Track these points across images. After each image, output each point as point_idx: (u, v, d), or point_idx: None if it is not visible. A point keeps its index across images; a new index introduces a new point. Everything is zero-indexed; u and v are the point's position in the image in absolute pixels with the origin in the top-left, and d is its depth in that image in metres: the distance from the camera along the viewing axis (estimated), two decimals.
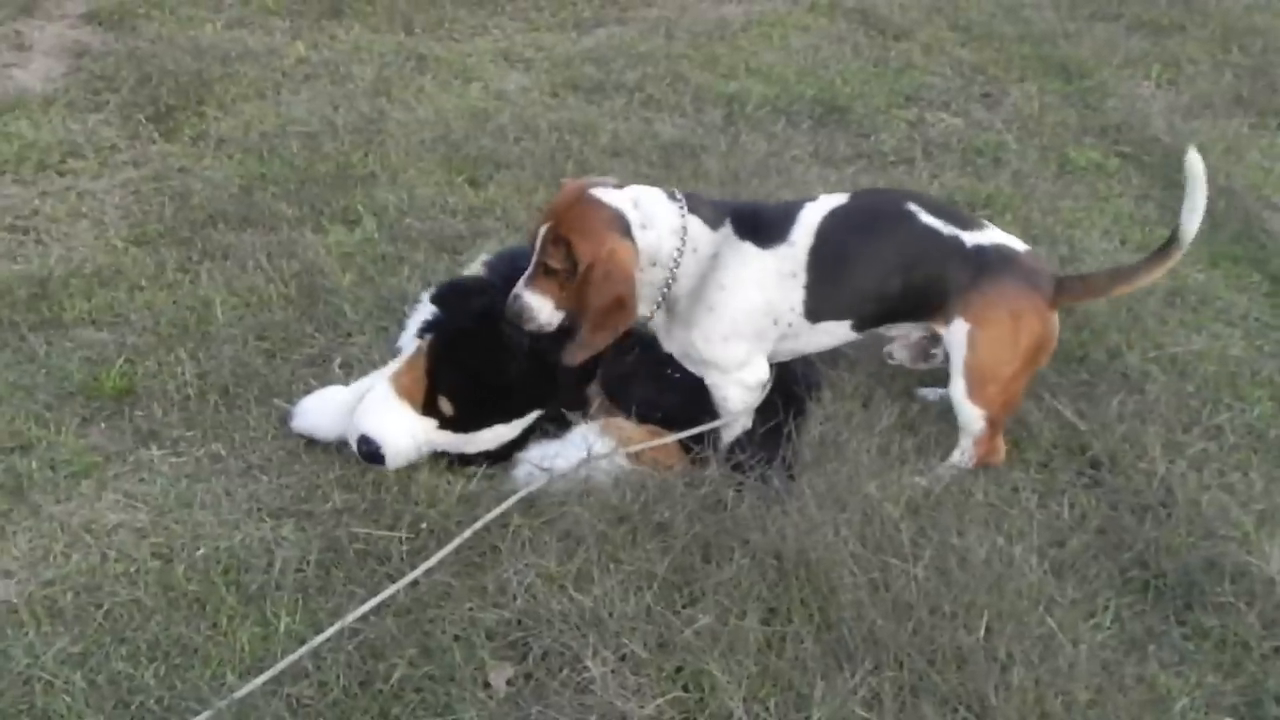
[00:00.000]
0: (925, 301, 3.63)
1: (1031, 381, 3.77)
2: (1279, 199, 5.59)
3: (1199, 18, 7.77)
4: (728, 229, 3.60)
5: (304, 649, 2.93)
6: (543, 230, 3.45)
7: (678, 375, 3.71)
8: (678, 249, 3.53)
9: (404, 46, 7.04)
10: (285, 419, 3.81)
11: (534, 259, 3.47)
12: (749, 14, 7.86)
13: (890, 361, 3.98)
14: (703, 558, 3.26)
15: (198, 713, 2.81)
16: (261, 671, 2.91)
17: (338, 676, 2.93)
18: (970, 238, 3.60)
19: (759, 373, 3.67)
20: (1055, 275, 3.67)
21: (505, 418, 3.68)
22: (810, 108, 6.37)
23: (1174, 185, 5.54)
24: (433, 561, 3.18)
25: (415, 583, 3.19)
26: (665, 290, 3.57)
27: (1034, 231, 5.11)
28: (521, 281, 3.49)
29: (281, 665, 2.90)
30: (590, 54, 7.04)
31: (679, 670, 2.96)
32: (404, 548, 3.33)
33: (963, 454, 3.71)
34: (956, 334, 3.59)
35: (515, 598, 3.13)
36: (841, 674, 2.93)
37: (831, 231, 3.60)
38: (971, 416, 3.63)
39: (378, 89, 6.40)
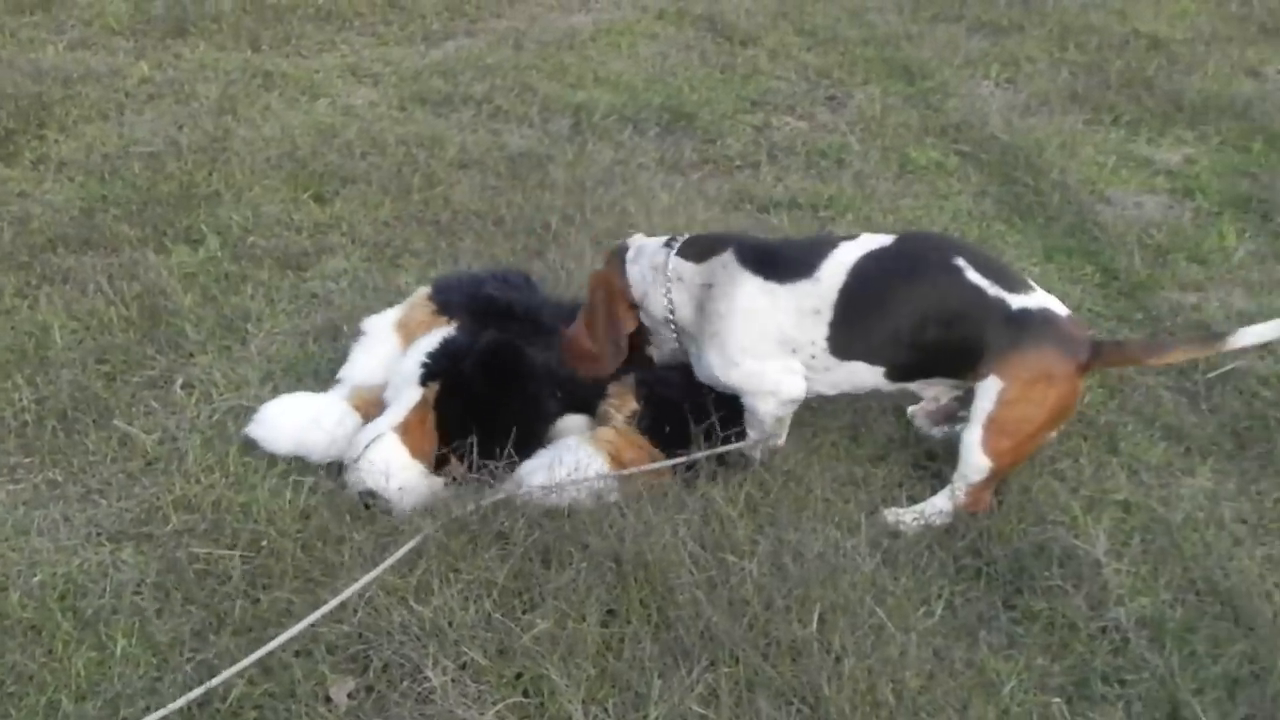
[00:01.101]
0: (963, 360, 3.59)
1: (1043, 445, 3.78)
2: (1112, 193, 5.75)
3: (1037, 17, 7.97)
4: (723, 259, 3.66)
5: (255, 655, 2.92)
6: None
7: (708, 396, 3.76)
8: (665, 286, 3.69)
9: (250, 64, 6.98)
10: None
11: None
12: (598, 23, 7.91)
13: (915, 424, 3.97)
14: (542, 563, 3.28)
15: None
16: (98, 696, 2.90)
17: (175, 697, 2.89)
18: (1015, 300, 3.54)
19: (794, 388, 3.68)
20: (1091, 340, 3.62)
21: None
22: (657, 115, 6.43)
23: (1011, 182, 5.74)
24: (375, 574, 3.17)
25: (255, 600, 3.20)
26: (671, 320, 3.73)
27: (874, 231, 5.18)
28: None
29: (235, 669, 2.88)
30: (438, 67, 7.05)
31: (519, 676, 2.98)
32: (243, 566, 3.32)
33: (947, 500, 3.63)
34: (987, 388, 3.53)
35: (356, 611, 3.12)
36: (679, 672, 2.96)
37: (867, 273, 3.60)
38: (978, 466, 3.56)
39: (223, 107, 6.35)
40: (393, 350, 3.94)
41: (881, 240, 3.68)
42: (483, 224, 5.13)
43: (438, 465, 3.62)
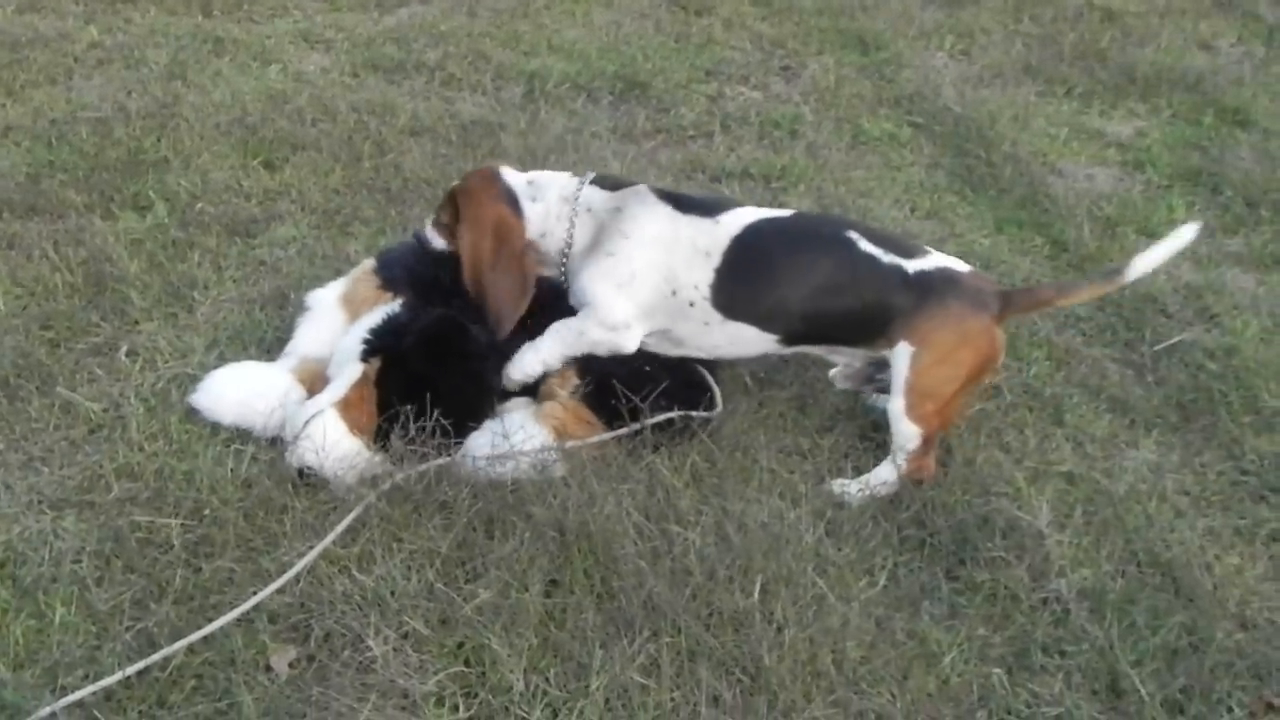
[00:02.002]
0: (866, 330, 3.62)
1: (971, 398, 3.82)
2: (1063, 165, 5.78)
3: None
4: (638, 190, 3.72)
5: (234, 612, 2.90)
6: (451, 188, 3.88)
7: (648, 368, 3.72)
8: (570, 214, 3.72)
9: (201, 29, 6.91)
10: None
11: (436, 209, 3.92)
12: None
13: (836, 386, 3.96)
14: (485, 533, 3.28)
15: None
16: (35, 664, 2.89)
17: (115, 666, 2.89)
18: (912, 265, 3.59)
19: (630, 341, 3.69)
20: (1000, 291, 3.66)
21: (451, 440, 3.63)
22: (611, 84, 6.41)
23: (963, 154, 5.75)
24: (313, 554, 3.16)
25: (197, 569, 3.18)
26: (566, 252, 3.73)
27: (826, 201, 5.23)
28: (428, 219, 3.95)
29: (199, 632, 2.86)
30: (391, 33, 7.00)
31: (460, 645, 2.98)
32: (185, 535, 3.30)
33: (890, 469, 3.65)
34: (900, 356, 3.56)
35: (298, 580, 3.12)
36: (621, 642, 2.97)
37: (760, 234, 3.66)
38: (908, 434, 3.58)
39: (172, 73, 6.29)
40: (338, 324, 3.90)
41: (781, 213, 3.79)
42: (433, 192, 5.08)
43: (378, 440, 3.57)
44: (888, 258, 3.59)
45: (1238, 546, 3.49)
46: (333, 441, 3.48)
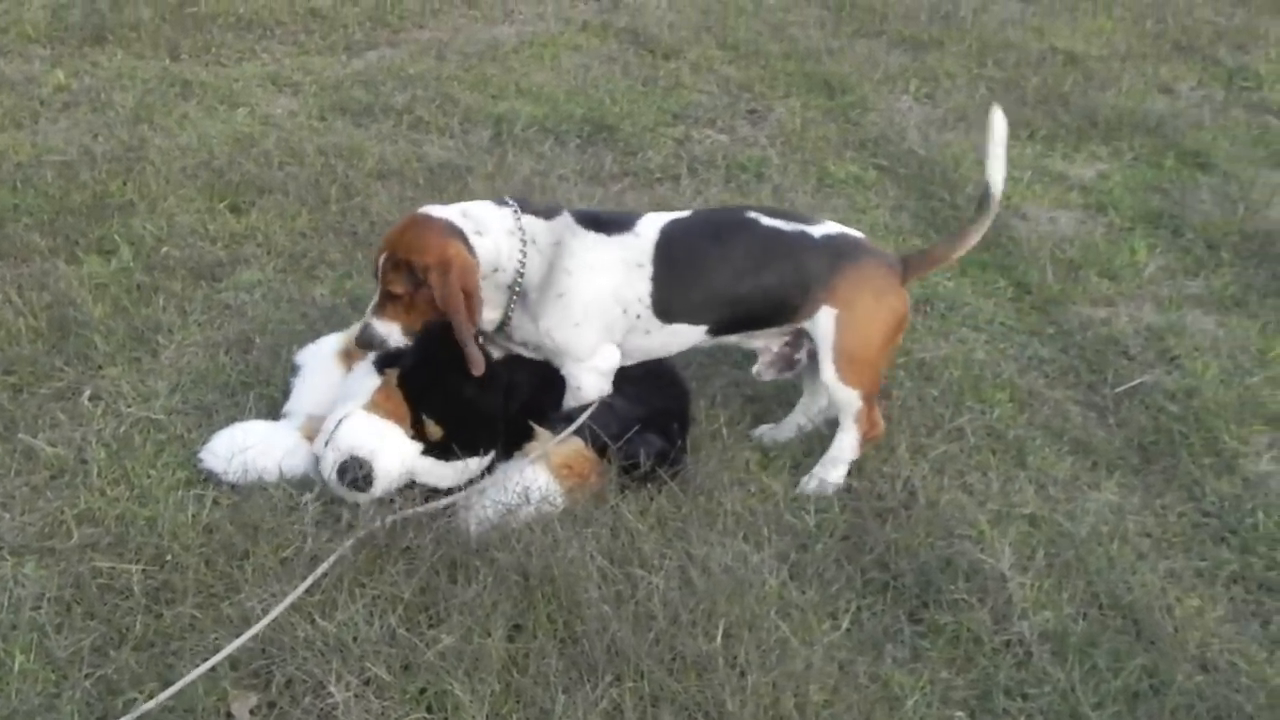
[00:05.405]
0: (785, 303, 3.73)
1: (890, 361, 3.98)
2: (1027, 208, 5.82)
3: (956, 33, 8.08)
4: (566, 219, 3.72)
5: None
6: (382, 260, 3.59)
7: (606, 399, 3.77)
8: (520, 248, 3.66)
9: (168, 72, 6.93)
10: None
11: (378, 288, 3.62)
12: (521, 35, 7.91)
13: (760, 380, 4.01)
14: (448, 578, 3.27)
15: None
16: None
17: (73, 714, 2.87)
18: (816, 230, 3.75)
19: (611, 359, 3.75)
20: (901, 256, 3.86)
21: (488, 444, 3.68)
22: (579, 127, 6.43)
23: (927, 196, 5.78)
24: (293, 596, 3.15)
25: (158, 615, 3.17)
26: (517, 287, 3.69)
27: None
28: (369, 311, 3.64)
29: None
30: (360, 77, 7.03)
31: (423, 691, 2.97)
32: (146, 581, 3.28)
33: (847, 435, 3.79)
34: (824, 321, 3.69)
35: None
36: (584, 687, 2.96)
37: (676, 235, 3.74)
38: (849, 397, 3.72)
39: (139, 116, 6.29)
40: (337, 379, 3.90)
41: (682, 213, 3.86)
42: None
43: (414, 427, 3.61)
44: (790, 226, 3.74)
45: (1199, 588, 3.50)
46: (370, 431, 3.53)
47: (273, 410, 3.98)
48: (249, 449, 3.67)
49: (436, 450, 3.62)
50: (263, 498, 3.54)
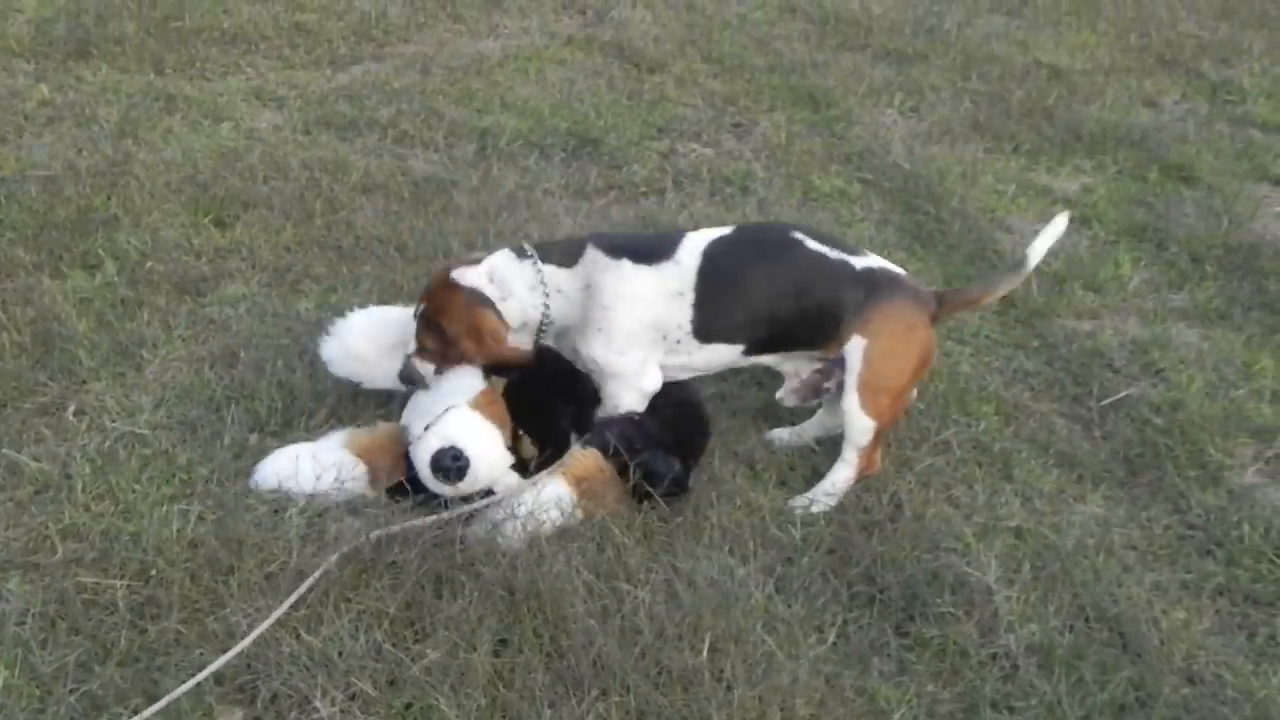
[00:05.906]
0: (820, 328, 3.75)
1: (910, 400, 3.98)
2: (1011, 221, 5.83)
3: (941, 47, 8.10)
4: (593, 256, 3.74)
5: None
6: (418, 311, 3.77)
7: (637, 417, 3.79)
8: (544, 300, 3.73)
9: (153, 86, 6.90)
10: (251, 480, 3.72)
11: (415, 337, 3.77)
12: (506, 49, 7.91)
13: (785, 404, 4.04)
14: (434, 593, 3.26)
15: None
16: None
17: None
18: (858, 261, 3.76)
19: (654, 381, 3.80)
20: (934, 292, 3.86)
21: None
22: (564, 141, 6.43)
23: (912, 210, 5.79)
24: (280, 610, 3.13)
25: (142, 630, 3.15)
26: (543, 328, 3.78)
27: None
28: (409, 347, 3.78)
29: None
30: (344, 91, 7.01)
31: (408, 706, 2.97)
32: (131, 596, 3.27)
33: (846, 467, 3.81)
34: (853, 351, 3.71)
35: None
36: (570, 702, 2.96)
37: (719, 256, 3.75)
38: (863, 428, 3.74)
39: (123, 130, 6.27)
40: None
41: (722, 230, 3.86)
42: (385, 249, 5.09)
43: (513, 440, 3.68)
44: (834, 254, 3.76)
45: (1184, 601, 3.51)
46: (472, 428, 3.56)
47: (256, 424, 3.99)
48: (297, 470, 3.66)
49: (519, 468, 3.66)
50: (247, 512, 3.53)
